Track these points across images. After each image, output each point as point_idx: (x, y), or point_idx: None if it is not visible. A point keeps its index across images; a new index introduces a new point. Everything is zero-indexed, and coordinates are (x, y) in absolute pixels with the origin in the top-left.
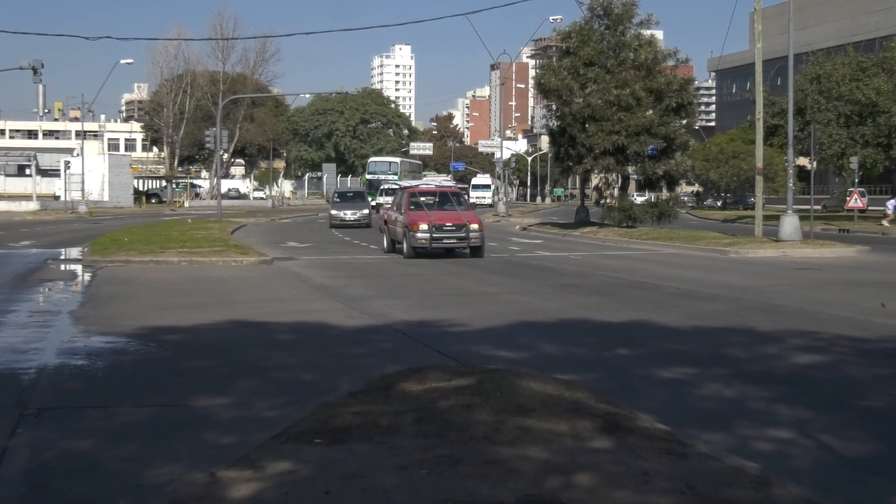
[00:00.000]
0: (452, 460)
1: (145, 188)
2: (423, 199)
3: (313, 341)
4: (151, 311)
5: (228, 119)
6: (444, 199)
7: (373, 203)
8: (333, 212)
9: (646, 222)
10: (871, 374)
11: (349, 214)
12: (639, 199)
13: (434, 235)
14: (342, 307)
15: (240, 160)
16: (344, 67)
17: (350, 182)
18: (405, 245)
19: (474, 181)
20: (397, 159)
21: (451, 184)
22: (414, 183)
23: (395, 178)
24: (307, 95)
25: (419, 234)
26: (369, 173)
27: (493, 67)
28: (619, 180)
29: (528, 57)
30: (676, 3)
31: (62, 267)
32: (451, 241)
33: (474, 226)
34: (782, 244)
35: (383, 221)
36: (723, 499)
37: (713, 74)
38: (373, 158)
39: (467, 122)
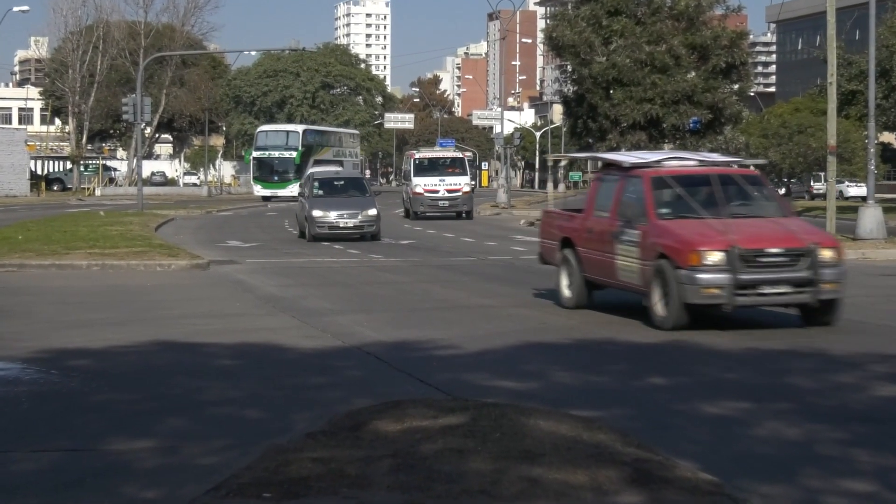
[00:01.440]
0: None
1: (45, 171)
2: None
3: (261, 368)
4: (53, 330)
5: (152, 83)
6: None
7: (265, 193)
8: (316, 213)
9: None
10: None
11: (345, 218)
12: None
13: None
14: (298, 324)
15: (167, 136)
16: (300, 17)
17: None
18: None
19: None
20: (300, 128)
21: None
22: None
23: (294, 156)
24: (253, 53)
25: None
26: (257, 149)
27: (491, 17)
28: None
29: (536, 3)
30: None
31: None
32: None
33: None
34: (861, 243)
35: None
36: None
37: (773, 27)
38: (263, 128)
39: (458, 87)
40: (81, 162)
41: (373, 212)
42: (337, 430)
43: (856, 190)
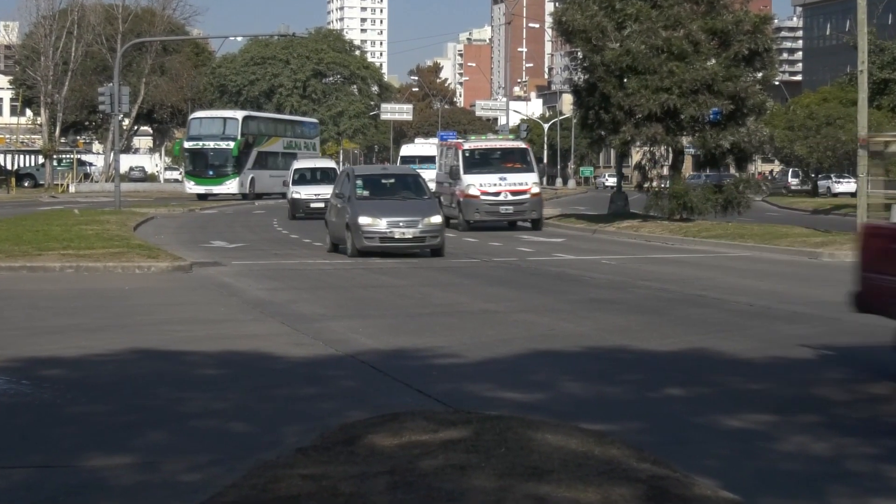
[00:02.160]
0: None
1: (14, 166)
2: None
3: (248, 378)
4: (24, 337)
5: (130, 71)
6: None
7: (199, 190)
8: (364, 220)
9: (707, 213)
10: None
11: (402, 227)
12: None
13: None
14: (287, 331)
15: (146, 128)
16: (290, 0)
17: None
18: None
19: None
20: (239, 115)
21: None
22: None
23: (231, 147)
24: (239, 39)
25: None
26: (190, 139)
27: (495, 1)
28: (670, 156)
29: None
30: None
31: None
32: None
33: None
34: None
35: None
36: None
37: (799, 10)
38: (196, 115)
39: (460, 75)
40: (54, 156)
41: (437, 219)
42: (330, 444)
43: (844, 186)
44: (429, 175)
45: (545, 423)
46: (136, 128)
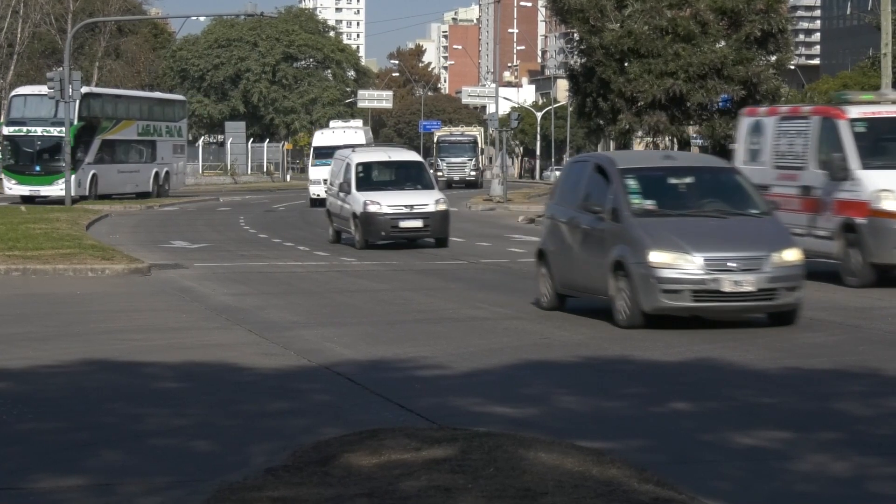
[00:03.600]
0: None
1: None
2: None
3: (212, 392)
4: None
5: (82, 54)
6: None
7: (22, 190)
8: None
9: None
10: None
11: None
12: None
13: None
14: (255, 339)
15: None
16: None
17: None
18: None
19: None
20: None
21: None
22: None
23: (66, 133)
24: (202, 19)
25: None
26: (10, 123)
27: None
28: (675, 147)
29: None
30: None
31: None
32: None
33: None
34: None
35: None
36: None
37: None
38: (20, 91)
39: (445, 59)
40: None
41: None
42: (302, 464)
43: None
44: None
45: (538, 441)
46: None
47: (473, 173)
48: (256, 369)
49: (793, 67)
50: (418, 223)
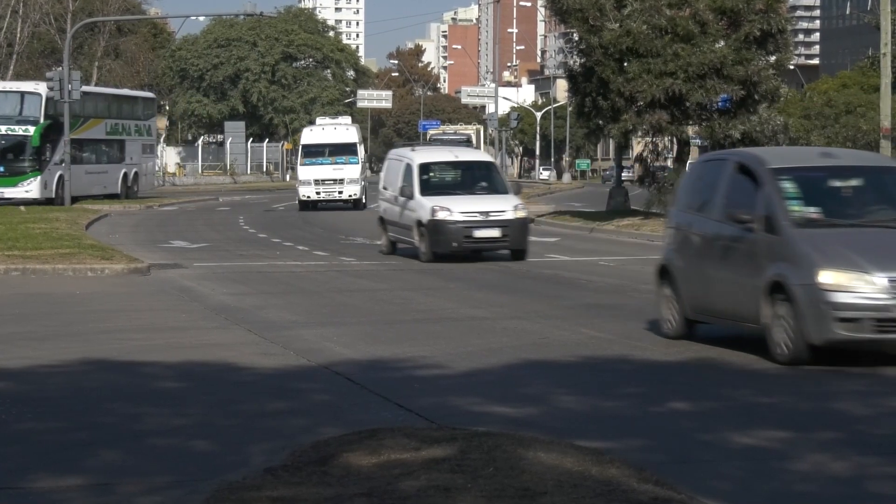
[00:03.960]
0: None
1: None
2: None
3: (210, 391)
4: None
5: (81, 54)
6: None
7: None
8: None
9: None
10: None
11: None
12: None
13: None
14: (255, 339)
15: None
16: None
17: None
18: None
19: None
20: (42, 88)
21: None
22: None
23: (31, 133)
24: (201, 19)
25: None
26: None
27: None
28: (675, 147)
29: None
30: None
31: None
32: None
33: None
34: None
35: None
36: None
37: None
38: None
39: (444, 58)
40: None
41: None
42: (301, 464)
43: None
44: (353, 172)
45: (537, 441)
46: None
47: None
48: (256, 369)
49: (792, 67)
50: (495, 232)
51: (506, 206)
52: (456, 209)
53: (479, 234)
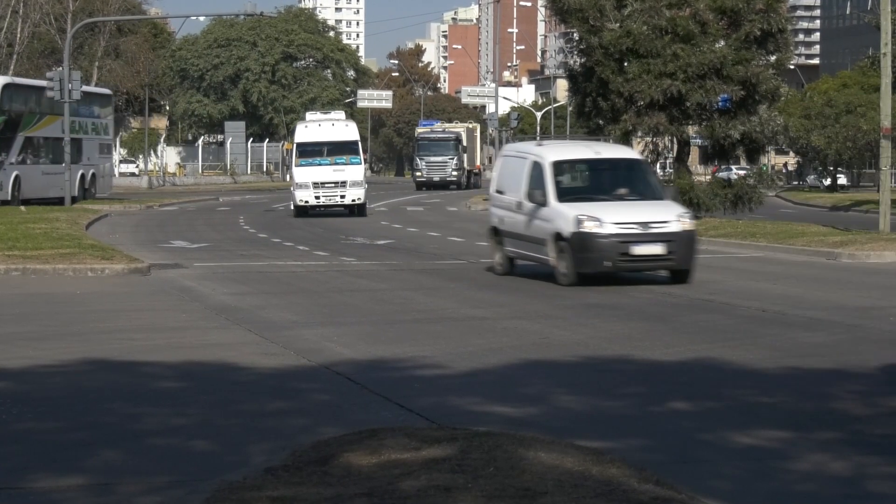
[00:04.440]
0: None
1: None
2: None
3: (210, 391)
4: None
5: (81, 54)
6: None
7: None
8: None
9: (715, 210)
10: None
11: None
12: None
13: None
14: (255, 339)
15: None
16: None
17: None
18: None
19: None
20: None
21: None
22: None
23: None
24: (201, 19)
25: None
26: None
27: None
28: (675, 147)
29: None
30: None
31: None
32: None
33: None
34: None
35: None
36: None
37: None
38: None
39: (445, 58)
40: None
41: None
42: (301, 464)
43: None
44: (355, 173)
45: (538, 441)
46: None
47: (455, 173)
48: (256, 369)
49: (792, 67)
50: (658, 249)
51: (668, 216)
52: (607, 219)
53: (639, 250)
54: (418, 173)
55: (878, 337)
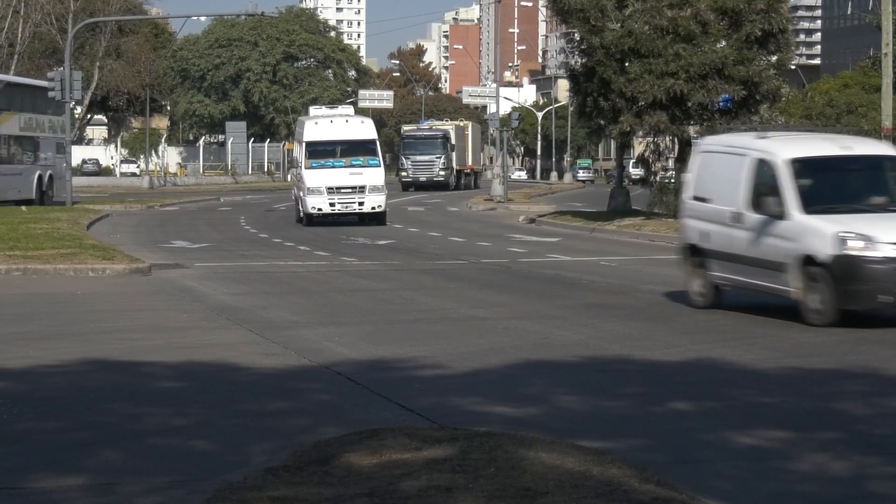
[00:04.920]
0: None
1: None
2: None
3: (211, 391)
4: None
5: (83, 54)
6: None
7: None
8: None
9: None
10: None
11: None
12: None
13: None
14: (255, 339)
15: (100, 117)
16: None
17: (268, 149)
18: None
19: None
20: None
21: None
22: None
23: None
24: (202, 19)
25: None
26: None
27: None
28: (676, 147)
29: None
30: None
31: None
32: None
33: None
34: None
35: None
36: None
37: None
38: None
39: (446, 59)
40: None
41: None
42: (302, 464)
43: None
44: (375, 177)
45: (538, 441)
46: (89, 116)
47: (443, 173)
48: (256, 369)
49: (793, 67)
50: None
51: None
52: (882, 237)
53: None
54: (404, 173)
55: (880, 338)
